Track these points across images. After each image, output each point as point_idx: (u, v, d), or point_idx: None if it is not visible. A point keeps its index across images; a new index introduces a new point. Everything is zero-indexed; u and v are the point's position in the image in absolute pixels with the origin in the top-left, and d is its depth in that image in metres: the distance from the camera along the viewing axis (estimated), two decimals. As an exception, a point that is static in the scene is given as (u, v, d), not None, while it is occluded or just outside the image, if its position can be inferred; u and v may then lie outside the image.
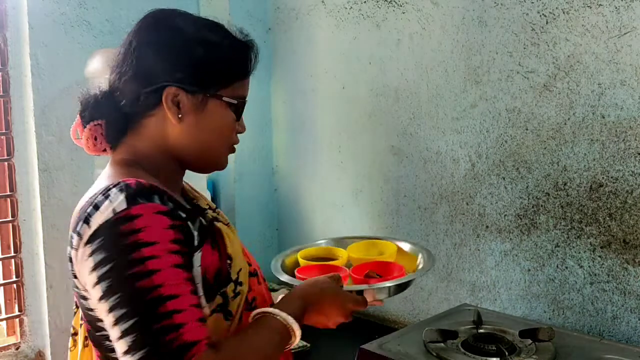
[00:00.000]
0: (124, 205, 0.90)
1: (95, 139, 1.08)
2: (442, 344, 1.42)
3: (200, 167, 1.12)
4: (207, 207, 1.15)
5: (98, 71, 1.93)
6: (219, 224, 1.06)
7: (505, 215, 1.81)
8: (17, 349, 2.11)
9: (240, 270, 1.04)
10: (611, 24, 1.56)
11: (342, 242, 1.50)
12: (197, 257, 0.96)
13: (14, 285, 2.10)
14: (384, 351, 1.42)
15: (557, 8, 1.65)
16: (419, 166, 2.02)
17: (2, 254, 2.09)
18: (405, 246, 1.45)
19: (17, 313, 2.11)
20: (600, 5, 1.57)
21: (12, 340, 2.12)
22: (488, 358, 1.35)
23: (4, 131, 2.04)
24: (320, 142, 2.35)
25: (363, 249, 1.45)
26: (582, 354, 1.40)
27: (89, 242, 0.90)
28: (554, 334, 1.43)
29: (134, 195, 0.91)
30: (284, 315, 0.99)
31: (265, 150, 2.54)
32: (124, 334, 0.85)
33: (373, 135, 2.15)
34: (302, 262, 1.39)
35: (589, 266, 1.64)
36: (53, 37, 2.04)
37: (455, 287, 1.95)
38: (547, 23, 1.68)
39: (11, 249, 2.10)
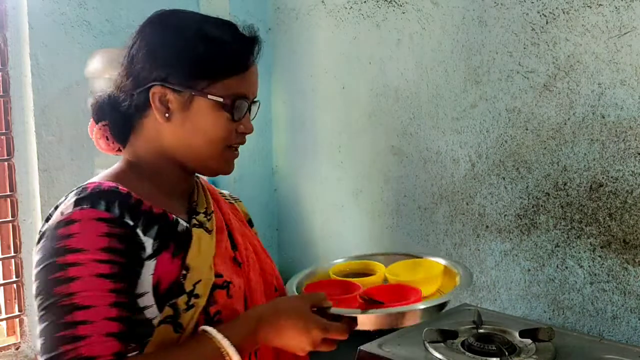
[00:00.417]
0: (70, 209, 0.92)
1: (107, 138, 1.09)
2: (442, 344, 1.42)
3: (198, 169, 1.08)
4: (203, 211, 1.09)
5: (98, 71, 1.93)
6: (198, 231, 1.02)
7: (505, 215, 1.81)
8: (17, 349, 2.11)
9: (200, 281, 0.97)
10: (611, 24, 1.56)
11: (389, 258, 1.35)
12: (150, 265, 0.94)
13: (14, 285, 2.10)
14: (384, 351, 1.42)
15: (557, 8, 1.65)
16: (419, 166, 2.02)
17: (2, 254, 2.10)
18: (453, 266, 1.28)
19: (17, 313, 2.11)
20: (600, 5, 1.57)
21: (12, 340, 2.12)
22: (488, 358, 1.35)
23: (4, 131, 2.04)
24: (320, 142, 2.35)
25: (408, 268, 1.29)
26: (582, 354, 1.39)
27: (39, 240, 0.94)
28: (554, 334, 1.43)
29: (82, 199, 0.93)
30: (219, 337, 0.92)
31: (265, 151, 2.54)
32: (39, 335, 0.87)
33: (373, 135, 2.15)
34: (332, 277, 1.28)
35: (589, 266, 1.64)
36: (53, 37, 2.04)
37: (455, 287, 1.95)
38: (547, 23, 1.68)
39: (11, 249, 2.10)
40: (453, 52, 1.89)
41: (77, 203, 0.93)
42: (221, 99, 1.00)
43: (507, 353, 1.33)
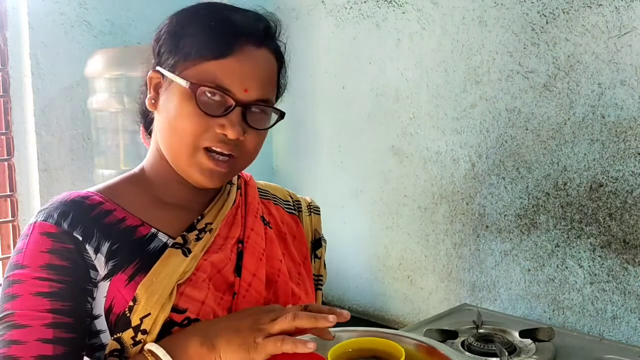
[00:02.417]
0: (31, 221, 0.89)
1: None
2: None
3: (180, 174, 0.93)
4: (202, 227, 0.95)
5: (98, 71, 1.93)
6: (171, 252, 0.89)
7: (505, 215, 1.81)
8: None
9: (148, 315, 0.84)
10: (611, 24, 1.56)
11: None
12: (104, 286, 0.87)
13: (14, 285, 2.10)
14: (384, 351, 1.41)
15: (557, 8, 1.65)
16: (419, 166, 2.02)
17: (2, 254, 2.09)
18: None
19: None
20: (600, 5, 1.57)
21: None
22: (488, 358, 1.35)
23: (4, 131, 2.04)
24: (320, 142, 2.35)
25: None
26: (582, 354, 1.40)
27: None
28: (554, 334, 1.43)
29: (41, 211, 0.89)
30: (160, 352, 0.81)
31: (265, 151, 2.52)
32: None
33: (373, 135, 2.15)
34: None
35: (589, 266, 1.64)
36: (53, 37, 2.04)
37: (455, 287, 1.95)
38: (547, 23, 1.68)
39: (11, 249, 2.10)
40: (453, 52, 1.89)
41: (38, 214, 0.89)
42: (184, 83, 0.86)
43: (507, 353, 1.33)
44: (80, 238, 0.86)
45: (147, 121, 1.00)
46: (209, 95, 0.86)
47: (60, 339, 0.83)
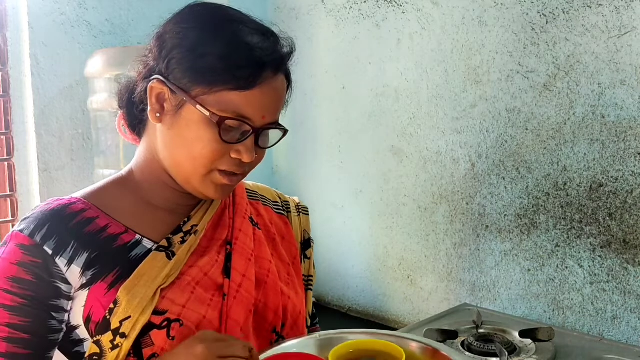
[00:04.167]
0: (15, 228, 0.89)
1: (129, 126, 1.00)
2: (442, 344, 1.42)
3: (183, 185, 0.94)
4: (188, 229, 0.95)
5: (98, 71, 1.93)
6: (154, 256, 0.89)
7: (505, 215, 1.81)
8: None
9: (128, 318, 0.84)
10: (611, 24, 1.56)
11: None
12: (82, 296, 0.86)
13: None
14: (384, 351, 1.41)
15: (557, 8, 1.65)
16: (419, 166, 2.02)
17: (2, 254, 2.10)
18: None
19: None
20: (600, 5, 1.57)
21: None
22: (488, 358, 1.35)
23: (4, 131, 2.04)
24: (320, 142, 2.35)
25: None
26: (582, 354, 1.40)
27: None
28: (554, 334, 1.43)
29: (23, 220, 0.89)
30: None
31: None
32: None
33: (373, 135, 2.15)
34: None
35: (589, 266, 1.64)
36: (53, 37, 2.04)
37: (455, 287, 1.95)
38: (547, 23, 1.68)
39: (11, 249, 2.10)
40: (453, 52, 1.89)
41: (19, 223, 0.89)
42: (208, 113, 0.86)
43: (507, 353, 1.33)
44: (50, 252, 0.85)
45: (133, 121, 0.98)
46: (229, 124, 0.87)
47: (12, 354, 0.83)
